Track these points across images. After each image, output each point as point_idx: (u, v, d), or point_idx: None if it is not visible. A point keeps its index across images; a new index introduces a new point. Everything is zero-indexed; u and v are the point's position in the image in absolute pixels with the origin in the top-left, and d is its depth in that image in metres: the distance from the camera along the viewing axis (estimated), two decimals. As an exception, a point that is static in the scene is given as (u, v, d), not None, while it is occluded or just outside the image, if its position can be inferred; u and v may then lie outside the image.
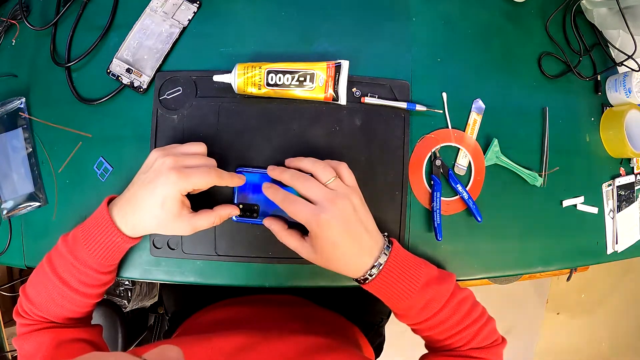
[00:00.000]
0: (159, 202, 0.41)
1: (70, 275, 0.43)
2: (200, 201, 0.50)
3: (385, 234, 0.47)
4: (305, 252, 0.43)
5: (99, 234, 0.43)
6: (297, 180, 0.43)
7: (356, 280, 0.44)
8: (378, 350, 0.75)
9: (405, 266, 0.43)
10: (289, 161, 0.47)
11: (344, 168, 0.44)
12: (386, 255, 0.43)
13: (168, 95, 0.51)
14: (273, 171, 0.46)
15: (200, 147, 0.46)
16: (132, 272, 0.51)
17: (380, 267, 0.42)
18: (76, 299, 0.44)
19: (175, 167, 0.41)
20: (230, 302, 0.64)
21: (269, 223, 0.46)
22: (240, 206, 0.49)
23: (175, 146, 0.45)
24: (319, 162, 0.44)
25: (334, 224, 0.40)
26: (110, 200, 0.45)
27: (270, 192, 0.45)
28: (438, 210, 0.53)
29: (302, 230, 0.45)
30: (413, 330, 0.48)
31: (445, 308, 0.44)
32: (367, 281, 0.43)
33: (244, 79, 0.48)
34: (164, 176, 0.41)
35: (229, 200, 0.49)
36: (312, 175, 0.44)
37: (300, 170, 0.45)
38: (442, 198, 0.54)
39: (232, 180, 0.45)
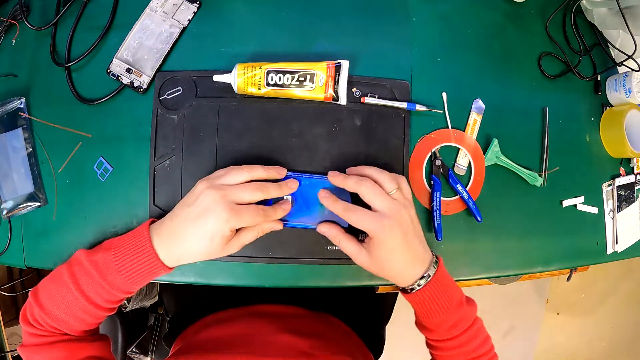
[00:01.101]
0: (208, 238, 0.41)
1: (96, 294, 0.42)
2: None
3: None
4: (361, 257, 0.44)
5: (138, 262, 0.42)
6: (364, 187, 0.43)
7: (402, 289, 0.46)
8: (378, 352, 0.75)
9: (447, 283, 0.45)
10: (351, 169, 0.48)
11: (403, 181, 0.46)
12: (434, 268, 0.45)
13: (168, 95, 0.51)
14: (335, 177, 0.46)
15: (249, 173, 0.44)
16: (132, 272, 0.51)
17: (429, 279, 0.44)
18: (98, 314, 0.44)
19: (227, 205, 0.41)
20: (230, 315, 0.63)
21: (327, 229, 0.47)
22: None
23: (223, 176, 0.44)
24: (384, 172, 0.45)
25: (396, 232, 0.42)
26: (149, 224, 0.45)
27: (329, 201, 0.46)
28: (438, 210, 0.53)
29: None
30: (432, 346, 0.49)
31: (469, 330, 0.46)
32: (413, 290, 0.44)
33: (244, 79, 0.48)
34: (214, 215, 0.40)
35: None
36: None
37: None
38: (442, 198, 0.54)
39: (276, 214, 0.46)
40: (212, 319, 0.64)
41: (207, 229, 0.41)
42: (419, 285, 0.44)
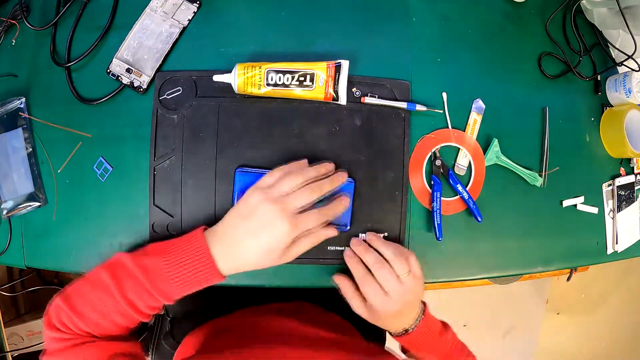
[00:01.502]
0: (268, 250, 0.41)
1: (139, 299, 0.41)
2: (200, 198, 0.50)
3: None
4: (360, 310, 0.48)
5: (194, 270, 0.41)
6: (378, 268, 0.46)
7: (390, 333, 0.52)
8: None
9: (428, 324, 0.50)
10: (371, 239, 0.50)
11: (413, 260, 0.47)
12: (418, 321, 0.49)
13: (168, 95, 0.51)
14: (358, 246, 0.49)
15: (303, 178, 0.44)
16: (132, 272, 0.51)
17: (413, 329, 0.49)
18: (135, 318, 0.43)
19: (288, 219, 0.41)
20: (244, 314, 0.63)
21: (340, 281, 0.49)
22: None
23: (276, 185, 0.43)
24: (397, 254, 0.47)
25: (397, 308, 0.46)
26: (203, 230, 0.44)
27: (352, 262, 0.48)
28: (438, 210, 0.53)
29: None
30: None
31: (455, 349, 0.53)
32: (399, 336, 0.50)
33: (244, 78, 0.48)
34: (277, 229, 0.41)
35: (227, 198, 0.50)
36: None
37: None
38: (442, 198, 0.54)
39: (336, 211, 0.46)
40: (226, 319, 0.63)
41: (268, 243, 0.41)
42: (405, 333, 0.49)
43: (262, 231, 0.41)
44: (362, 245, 0.49)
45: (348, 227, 0.51)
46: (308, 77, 0.49)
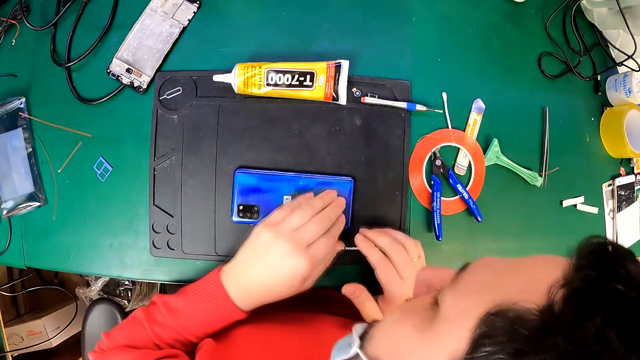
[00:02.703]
0: (289, 285, 0.42)
1: (166, 334, 0.43)
2: (200, 198, 0.50)
3: None
4: (378, 317, 0.46)
5: (214, 313, 0.42)
6: (396, 250, 0.46)
7: None
8: None
9: None
10: (377, 231, 0.49)
11: (420, 247, 0.48)
12: None
13: (168, 95, 0.51)
14: (371, 232, 0.49)
15: (312, 211, 0.44)
16: (132, 272, 0.51)
17: None
18: (165, 345, 0.44)
19: (304, 254, 0.41)
20: None
21: (354, 289, 0.47)
22: (241, 207, 0.49)
23: (285, 220, 0.43)
24: (409, 238, 0.48)
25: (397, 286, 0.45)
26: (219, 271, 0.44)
27: (367, 246, 0.48)
28: (438, 210, 0.53)
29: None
30: None
31: None
32: None
33: (244, 78, 0.48)
34: (294, 266, 0.41)
35: (227, 198, 0.50)
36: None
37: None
38: (442, 198, 0.54)
39: (339, 229, 0.47)
40: None
41: (289, 279, 0.41)
42: None
43: (279, 269, 0.41)
44: (372, 231, 0.49)
45: (348, 227, 0.51)
46: (308, 77, 0.49)
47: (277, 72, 0.48)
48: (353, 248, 0.51)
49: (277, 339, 0.44)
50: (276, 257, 0.41)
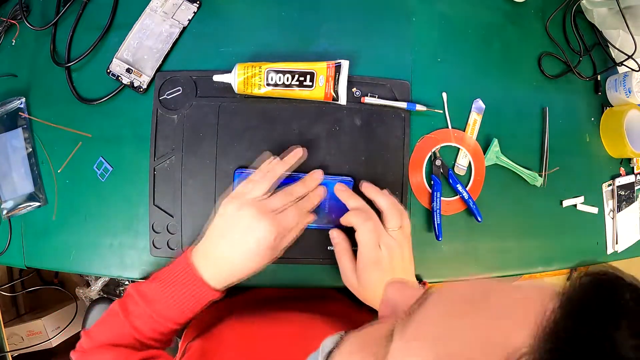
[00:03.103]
0: (256, 253, 0.41)
1: (145, 325, 0.42)
2: (200, 198, 0.50)
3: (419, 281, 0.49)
4: (351, 279, 0.46)
5: (185, 289, 0.41)
6: (365, 219, 0.44)
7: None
8: None
9: None
10: (365, 188, 0.48)
11: (406, 218, 0.47)
12: None
13: (168, 95, 0.51)
14: (343, 192, 0.48)
15: (269, 182, 0.44)
16: (132, 272, 0.51)
17: None
18: (147, 344, 0.43)
19: (269, 219, 0.41)
20: (237, 300, 0.63)
21: (338, 239, 0.47)
22: None
23: (248, 192, 0.43)
24: (393, 207, 0.46)
25: (386, 265, 0.44)
26: (190, 251, 0.44)
27: (345, 195, 0.47)
28: (438, 210, 0.53)
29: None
30: None
31: None
32: None
33: (244, 78, 0.48)
34: (260, 231, 0.41)
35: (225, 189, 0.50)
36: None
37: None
38: (442, 198, 0.54)
39: (312, 203, 0.46)
40: (229, 301, 0.63)
41: (255, 246, 0.41)
42: None
43: (245, 238, 0.41)
44: (348, 190, 0.48)
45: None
46: (308, 77, 0.49)
47: (277, 72, 0.48)
48: (354, 248, 0.51)
49: (265, 334, 0.44)
50: (242, 225, 0.41)
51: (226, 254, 0.42)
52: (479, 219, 0.54)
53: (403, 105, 0.52)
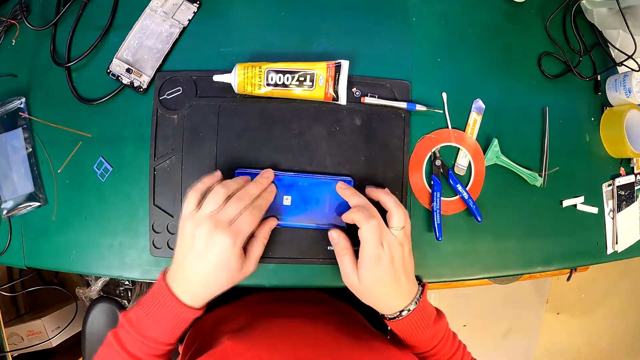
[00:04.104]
0: (224, 268, 0.41)
1: (139, 351, 0.42)
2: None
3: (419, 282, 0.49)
4: (351, 279, 0.45)
5: (165, 313, 0.42)
6: (368, 216, 0.44)
7: (382, 316, 0.47)
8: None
9: (426, 306, 0.47)
10: (370, 191, 0.48)
11: (408, 218, 0.47)
12: (416, 303, 0.46)
13: (168, 95, 0.51)
14: (345, 190, 0.48)
15: (224, 191, 0.43)
16: (132, 272, 0.51)
17: (409, 312, 0.45)
18: None
19: (224, 231, 0.40)
20: (237, 304, 0.63)
21: (338, 239, 0.47)
22: None
23: (202, 208, 0.42)
24: (398, 206, 0.45)
25: (386, 265, 0.43)
26: (164, 275, 0.44)
27: (347, 192, 0.48)
28: (438, 210, 0.53)
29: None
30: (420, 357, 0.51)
31: (445, 337, 0.49)
32: (392, 320, 0.46)
33: (244, 78, 0.48)
34: (219, 245, 0.40)
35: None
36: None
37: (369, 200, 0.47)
38: (442, 198, 0.54)
39: (267, 201, 0.46)
40: (229, 307, 0.63)
41: (220, 261, 0.41)
42: (400, 316, 0.45)
43: (207, 255, 0.41)
44: (350, 188, 0.48)
45: (345, 227, 0.51)
46: (308, 77, 0.49)
47: (277, 72, 0.48)
48: (354, 248, 0.51)
49: (264, 354, 0.44)
50: (200, 243, 0.41)
51: (194, 273, 0.42)
52: (479, 219, 0.54)
53: (403, 105, 0.52)
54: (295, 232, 0.51)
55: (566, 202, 0.60)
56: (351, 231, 0.49)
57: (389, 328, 0.49)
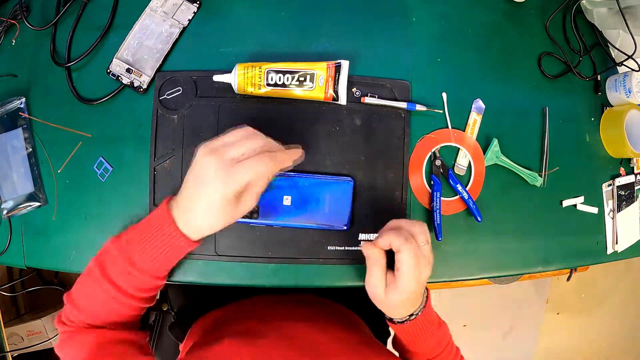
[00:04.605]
0: (216, 204, 0.39)
1: (124, 281, 0.42)
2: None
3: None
4: (377, 291, 0.45)
5: (160, 237, 0.41)
6: (406, 239, 0.43)
7: (389, 319, 0.48)
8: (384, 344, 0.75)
9: (430, 312, 0.48)
10: (387, 229, 0.46)
11: (427, 230, 0.46)
12: (423, 306, 0.47)
13: (168, 95, 0.51)
14: (380, 240, 0.45)
15: (246, 131, 0.41)
16: (132, 272, 0.51)
17: (415, 316, 0.47)
18: (129, 303, 0.44)
19: (222, 166, 0.38)
20: (242, 305, 0.63)
21: (370, 251, 0.45)
22: None
23: (220, 139, 0.40)
24: (414, 224, 0.45)
25: (414, 289, 0.44)
26: (169, 201, 0.44)
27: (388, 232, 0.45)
28: (438, 210, 0.53)
29: None
30: None
31: (447, 345, 0.51)
32: (400, 323, 0.47)
33: (244, 78, 0.48)
34: (212, 179, 0.38)
35: None
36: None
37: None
38: (442, 198, 0.54)
39: (290, 157, 0.42)
40: (229, 308, 0.63)
41: (212, 196, 0.38)
42: (407, 320, 0.47)
43: (202, 184, 0.39)
44: (380, 240, 0.45)
45: (347, 227, 0.51)
46: (308, 77, 0.49)
47: (277, 72, 0.48)
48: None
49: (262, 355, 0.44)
50: (201, 171, 0.39)
51: (194, 200, 0.40)
52: (479, 219, 0.54)
53: (403, 105, 0.52)
54: (295, 232, 0.51)
55: (566, 202, 0.60)
56: (351, 233, 0.49)
57: (392, 334, 0.50)
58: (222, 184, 0.38)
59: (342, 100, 0.50)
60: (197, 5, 0.53)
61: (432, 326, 0.48)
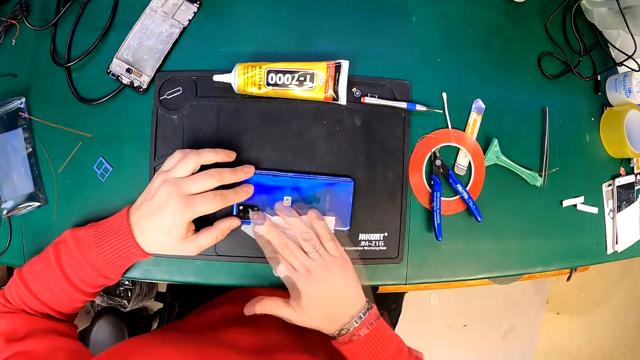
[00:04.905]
0: (166, 231, 0.42)
1: (74, 272, 0.44)
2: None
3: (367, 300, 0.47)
4: (290, 315, 0.46)
5: (114, 240, 0.43)
6: (283, 249, 0.47)
7: (333, 337, 0.46)
8: None
9: (382, 335, 0.45)
10: (280, 210, 0.48)
11: (328, 240, 0.47)
12: (356, 323, 0.45)
13: (168, 95, 0.51)
14: (281, 212, 0.48)
15: (196, 160, 0.44)
16: (132, 272, 0.51)
17: (349, 331, 0.44)
18: (73, 294, 0.45)
19: (181, 199, 0.42)
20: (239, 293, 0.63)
21: (260, 306, 0.47)
22: (241, 207, 0.49)
23: (173, 168, 0.44)
24: (304, 232, 0.47)
25: (311, 293, 0.45)
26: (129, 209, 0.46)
27: (269, 237, 0.48)
28: (438, 210, 0.53)
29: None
30: None
31: None
32: (345, 343, 0.45)
33: (244, 78, 0.48)
34: (170, 209, 0.42)
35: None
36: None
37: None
38: (442, 198, 0.54)
39: (237, 197, 0.46)
40: (223, 298, 0.63)
41: (164, 223, 0.42)
42: (338, 335, 0.45)
43: (158, 211, 0.42)
44: (288, 212, 0.48)
45: (348, 228, 0.51)
46: (308, 77, 0.49)
47: (277, 72, 0.48)
48: (354, 248, 0.51)
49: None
50: (159, 199, 0.43)
51: (148, 221, 0.43)
52: (479, 219, 0.54)
53: (403, 105, 0.52)
54: (295, 232, 0.51)
55: (566, 202, 0.60)
56: (351, 234, 0.49)
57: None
58: (180, 214, 0.42)
59: (342, 100, 0.50)
60: (197, 5, 0.53)
61: (386, 350, 0.44)
